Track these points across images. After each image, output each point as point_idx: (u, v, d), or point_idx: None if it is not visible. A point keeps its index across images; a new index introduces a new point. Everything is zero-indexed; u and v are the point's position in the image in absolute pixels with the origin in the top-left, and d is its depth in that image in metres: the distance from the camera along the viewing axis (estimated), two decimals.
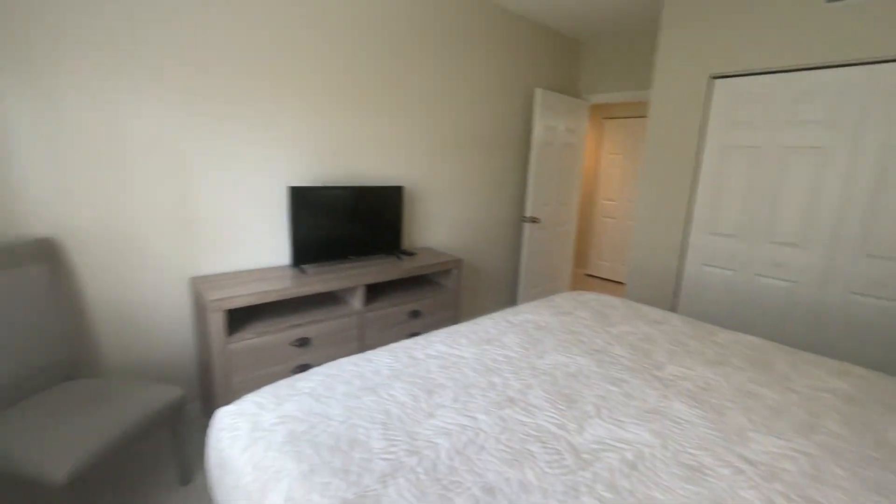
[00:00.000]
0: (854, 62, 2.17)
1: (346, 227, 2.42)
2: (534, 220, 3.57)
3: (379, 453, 0.95)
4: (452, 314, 2.77)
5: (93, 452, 1.25)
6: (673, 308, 2.92)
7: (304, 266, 2.31)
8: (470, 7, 2.93)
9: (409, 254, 2.73)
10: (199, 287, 1.91)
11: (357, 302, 2.28)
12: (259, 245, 2.25)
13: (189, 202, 1.99)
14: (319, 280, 2.12)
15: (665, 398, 1.25)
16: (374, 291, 2.55)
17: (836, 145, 2.25)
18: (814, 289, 2.36)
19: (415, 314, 2.55)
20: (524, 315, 1.86)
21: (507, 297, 3.86)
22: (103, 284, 1.82)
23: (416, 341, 1.55)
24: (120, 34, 1.71)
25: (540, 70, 3.58)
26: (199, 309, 1.93)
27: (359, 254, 2.51)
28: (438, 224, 3.10)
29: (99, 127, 1.72)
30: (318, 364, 2.14)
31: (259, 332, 1.93)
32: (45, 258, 1.62)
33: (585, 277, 5.39)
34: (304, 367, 2.11)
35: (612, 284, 5.11)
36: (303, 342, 2.07)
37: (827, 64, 2.24)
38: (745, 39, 2.47)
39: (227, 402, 1.84)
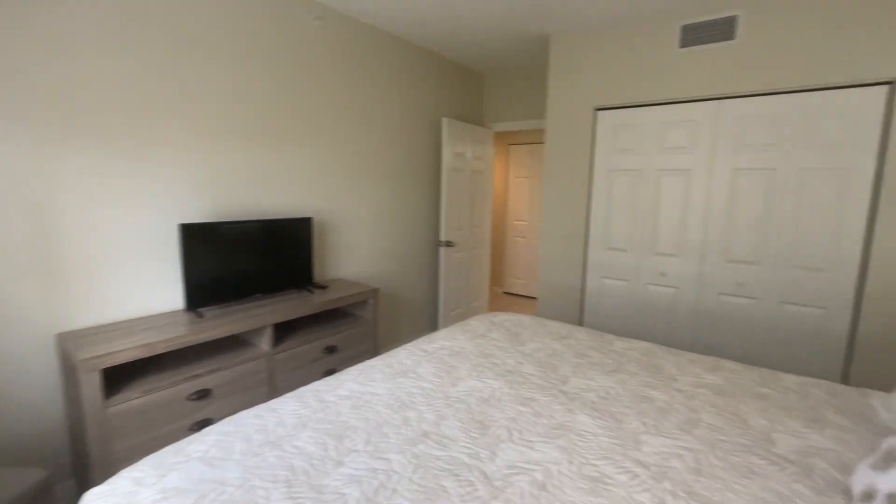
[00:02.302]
0: (703, 98, 2.56)
1: (250, 264, 2.27)
2: (449, 244, 3.65)
3: None
4: (371, 346, 2.70)
5: None
6: (580, 320, 3.13)
7: (200, 310, 2.11)
8: (378, 40, 2.98)
9: (322, 287, 2.63)
10: (68, 344, 1.65)
11: (265, 343, 2.13)
12: (145, 290, 2.02)
13: (53, 248, 1.73)
14: (219, 324, 1.95)
15: (570, 412, 1.32)
16: (285, 330, 2.40)
17: (697, 168, 2.61)
18: (691, 293, 2.68)
19: (331, 350, 2.44)
20: (439, 342, 1.87)
21: (429, 322, 3.86)
22: None
23: (328, 382, 1.47)
24: None
25: (447, 100, 3.73)
26: (68, 370, 1.67)
27: (266, 291, 2.36)
28: (353, 254, 3.04)
29: None
30: (222, 416, 1.95)
31: (146, 390, 1.71)
32: None
33: (503, 295, 5.60)
34: (205, 423, 1.91)
35: (527, 300, 5.36)
36: (202, 394, 1.87)
37: (684, 99, 2.61)
38: (619, 77, 2.80)
39: (107, 476, 1.59)
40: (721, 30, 2.45)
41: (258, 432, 1.16)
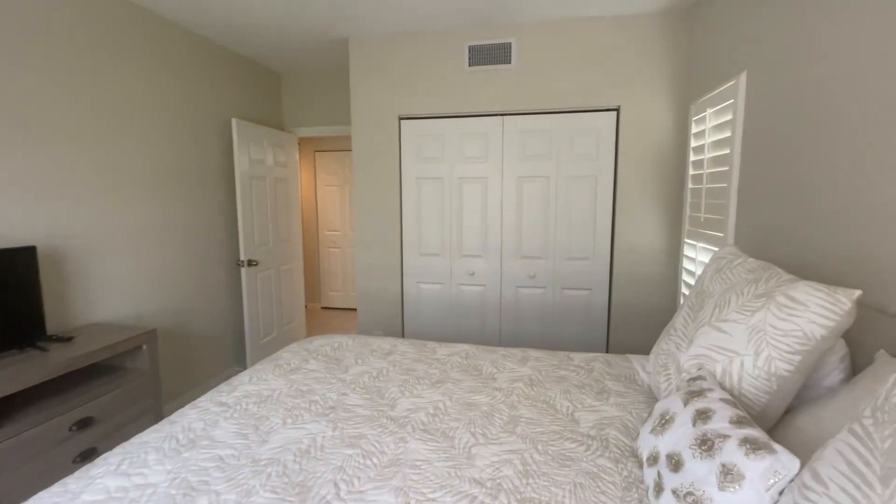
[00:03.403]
0: (491, 113, 2.83)
1: None
2: (252, 263, 3.18)
3: None
4: (150, 404, 2.11)
5: None
6: (402, 327, 3.12)
7: None
8: (141, 20, 2.33)
9: (64, 339, 1.92)
10: None
11: None
12: None
13: None
14: None
15: (402, 441, 1.22)
16: (4, 409, 1.66)
17: (491, 175, 2.88)
18: (496, 289, 2.95)
19: (86, 423, 1.79)
20: (243, 388, 1.54)
21: (236, 355, 3.30)
22: None
23: (65, 487, 1.01)
24: None
25: (239, 100, 3.25)
26: None
27: None
28: (117, 288, 2.33)
29: None
30: None
31: None
32: None
33: (322, 311, 5.26)
34: None
35: (348, 313, 5.16)
36: None
37: (475, 113, 2.85)
38: (420, 88, 2.88)
39: None
40: (500, 54, 2.75)
41: None
